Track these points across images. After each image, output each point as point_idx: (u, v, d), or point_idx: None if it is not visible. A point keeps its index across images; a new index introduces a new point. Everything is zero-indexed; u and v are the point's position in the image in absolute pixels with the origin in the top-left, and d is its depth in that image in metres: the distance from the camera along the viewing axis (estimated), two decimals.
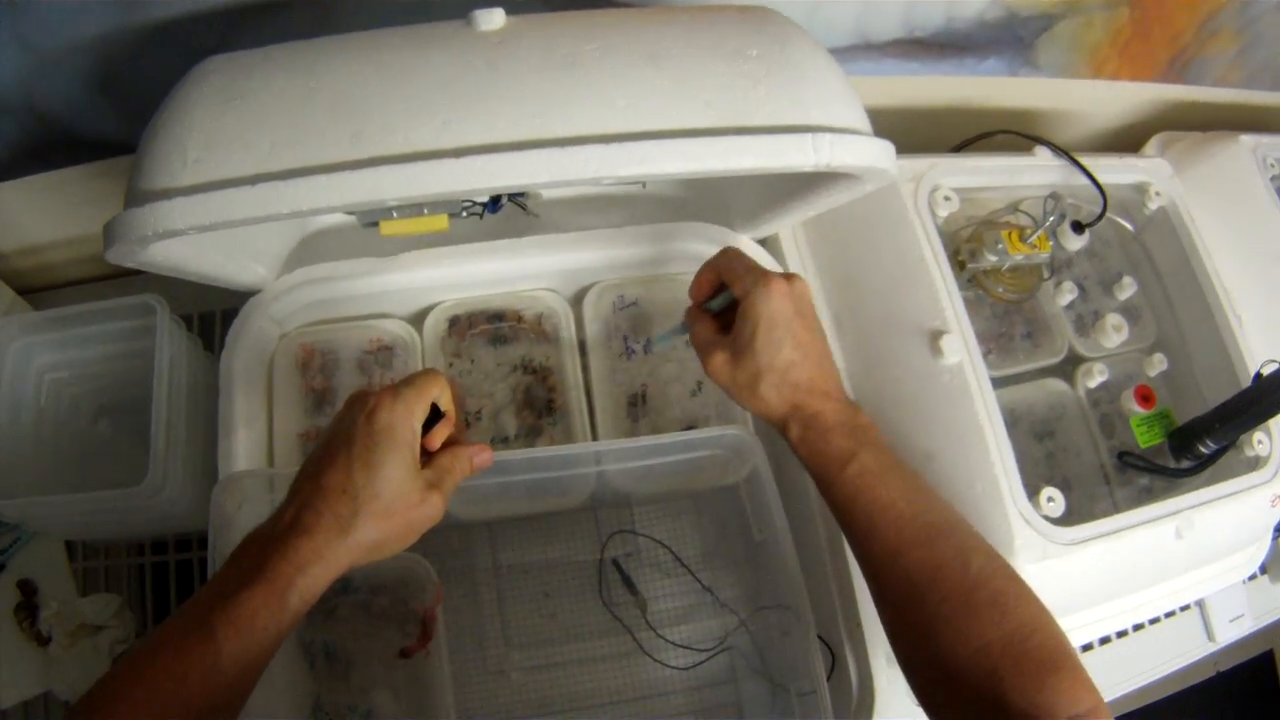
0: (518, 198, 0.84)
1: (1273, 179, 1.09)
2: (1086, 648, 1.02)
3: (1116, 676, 1.03)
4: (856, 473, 0.67)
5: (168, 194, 0.59)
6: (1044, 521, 0.81)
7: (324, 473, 0.59)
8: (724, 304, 0.72)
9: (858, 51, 0.96)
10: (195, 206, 0.58)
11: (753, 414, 0.72)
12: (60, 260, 1.01)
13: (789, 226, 0.89)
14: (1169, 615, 1.07)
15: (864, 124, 0.66)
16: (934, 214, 0.89)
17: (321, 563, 0.56)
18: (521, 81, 0.61)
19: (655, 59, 0.62)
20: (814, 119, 0.63)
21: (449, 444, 0.65)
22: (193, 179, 0.59)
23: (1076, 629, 0.94)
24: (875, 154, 0.65)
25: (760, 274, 0.69)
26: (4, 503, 0.79)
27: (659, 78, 0.62)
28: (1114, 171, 1.01)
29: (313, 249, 0.85)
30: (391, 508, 0.59)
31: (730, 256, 0.72)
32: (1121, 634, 1.05)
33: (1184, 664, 1.08)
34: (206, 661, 0.53)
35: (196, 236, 0.69)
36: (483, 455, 0.66)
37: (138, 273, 0.91)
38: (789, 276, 0.69)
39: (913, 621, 0.63)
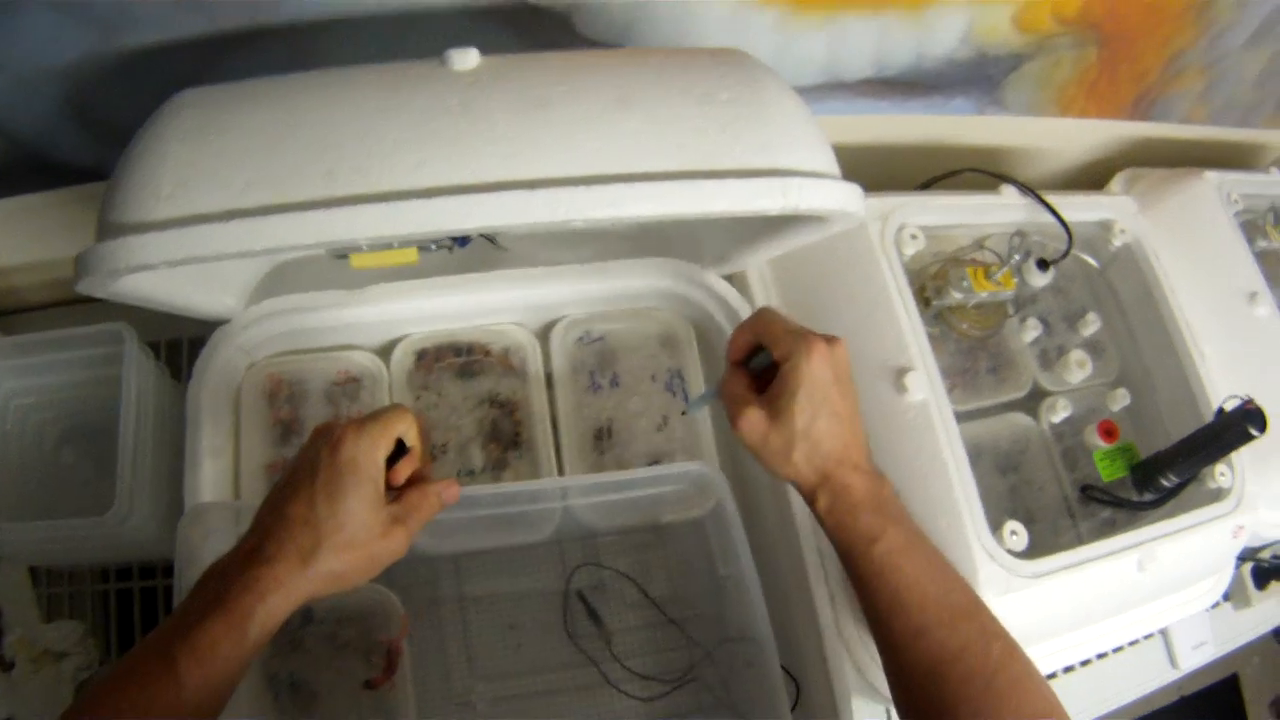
0: (487, 232, 0.84)
1: (1236, 215, 1.11)
2: (1051, 676, 1.03)
3: (1082, 704, 1.04)
4: (884, 550, 0.66)
5: (140, 228, 0.59)
6: (1007, 555, 0.82)
7: (287, 503, 0.59)
8: (763, 364, 0.72)
9: (828, 90, 0.97)
10: (168, 242, 0.59)
11: (778, 478, 0.71)
12: (27, 284, 1.00)
13: (756, 264, 0.89)
14: (1133, 644, 1.08)
15: (832, 167, 0.67)
16: (900, 252, 0.90)
17: (282, 592, 0.56)
18: (494, 123, 0.61)
19: (626, 102, 0.63)
20: (783, 163, 0.64)
21: (416, 480, 0.66)
22: (166, 213, 0.59)
23: (1042, 658, 0.95)
24: (843, 197, 0.66)
25: (802, 336, 0.69)
26: None
27: (629, 120, 0.63)
28: (1079, 209, 1.03)
29: (282, 279, 0.85)
30: (353, 540, 0.59)
31: (768, 319, 0.71)
32: (1085, 662, 1.06)
33: (1148, 691, 1.09)
34: (169, 692, 0.53)
35: (167, 270, 0.69)
36: (450, 491, 0.67)
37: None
38: (830, 340, 0.70)
39: (933, 700, 0.63)
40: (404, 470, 0.65)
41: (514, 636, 0.82)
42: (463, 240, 0.83)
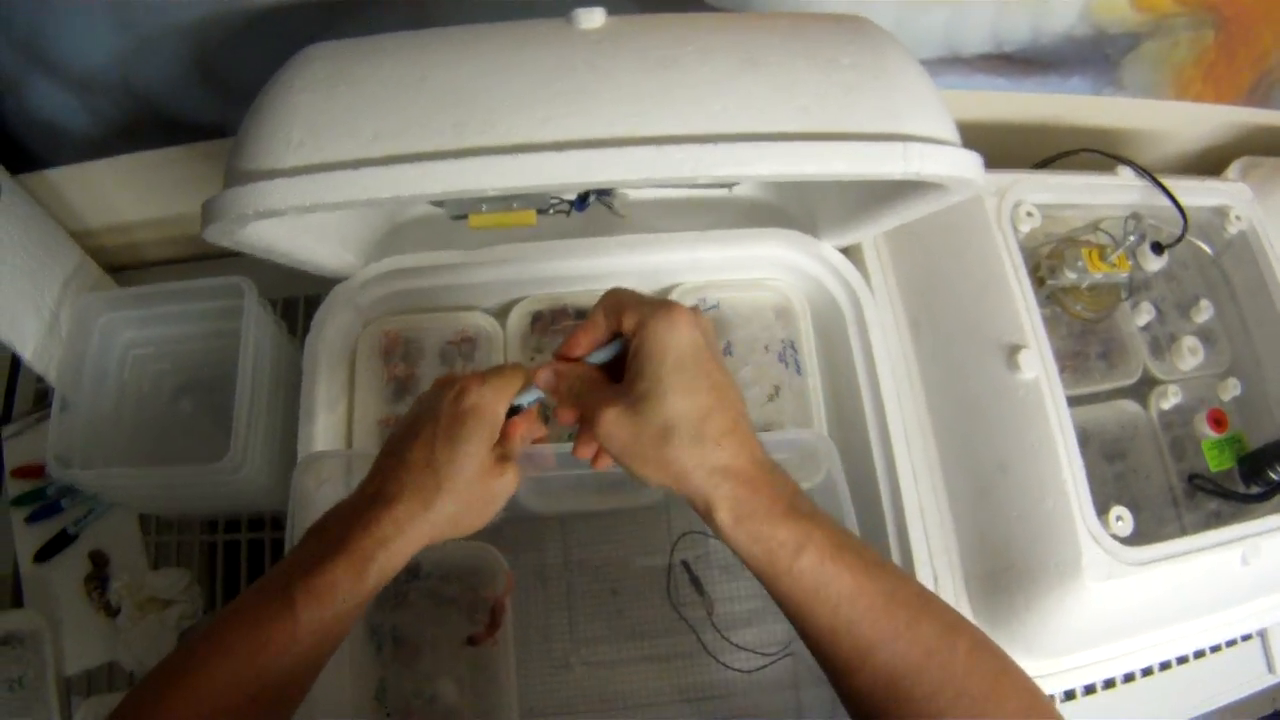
0: (605, 197, 0.84)
1: None
2: (1146, 672, 1.01)
3: (1172, 704, 1.02)
4: (814, 561, 0.53)
5: (271, 174, 0.60)
6: (1112, 540, 0.81)
7: (408, 448, 0.59)
8: (610, 355, 0.60)
9: (945, 64, 0.96)
10: (297, 188, 0.59)
11: (651, 485, 0.57)
12: (148, 240, 1.02)
13: (872, 236, 0.88)
14: (1230, 644, 1.06)
15: (954, 135, 0.66)
16: (1016, 229, 0.88)
17: (402, 535, 0.57)
18: (619, 80, 0.61)
19: (751, 63, 0.63)
20: (906, 128, 0.63)
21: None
22: (295, 161, 0.60)
23: (1136, 652, 0.94)
24: (964, 165, 0.65)
25: (658, 303, 0.57)
26: (83, 473, 0.81)
27: (754, 81, 0.62)
28: (1195, 194, 1.01)
29: (401, 238, 0.86)
30: (472, 483, 0.59)
31: (615, 294, 0.60)
32: (1182, 660, 1.03)
33: (1241, 695, 1.06)
34: (285, 631, 0.53)
35: (292, 219, 0.70)
36: (539, 426, 0.66)
37: (223, 255, 0.93)
38: (693, 308, 0.58)
39: None
40: (520, 427, 0.64)
41: (616, 601, 0.82)
42: (580, 204, 0.84)
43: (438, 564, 0.80)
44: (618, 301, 0.59)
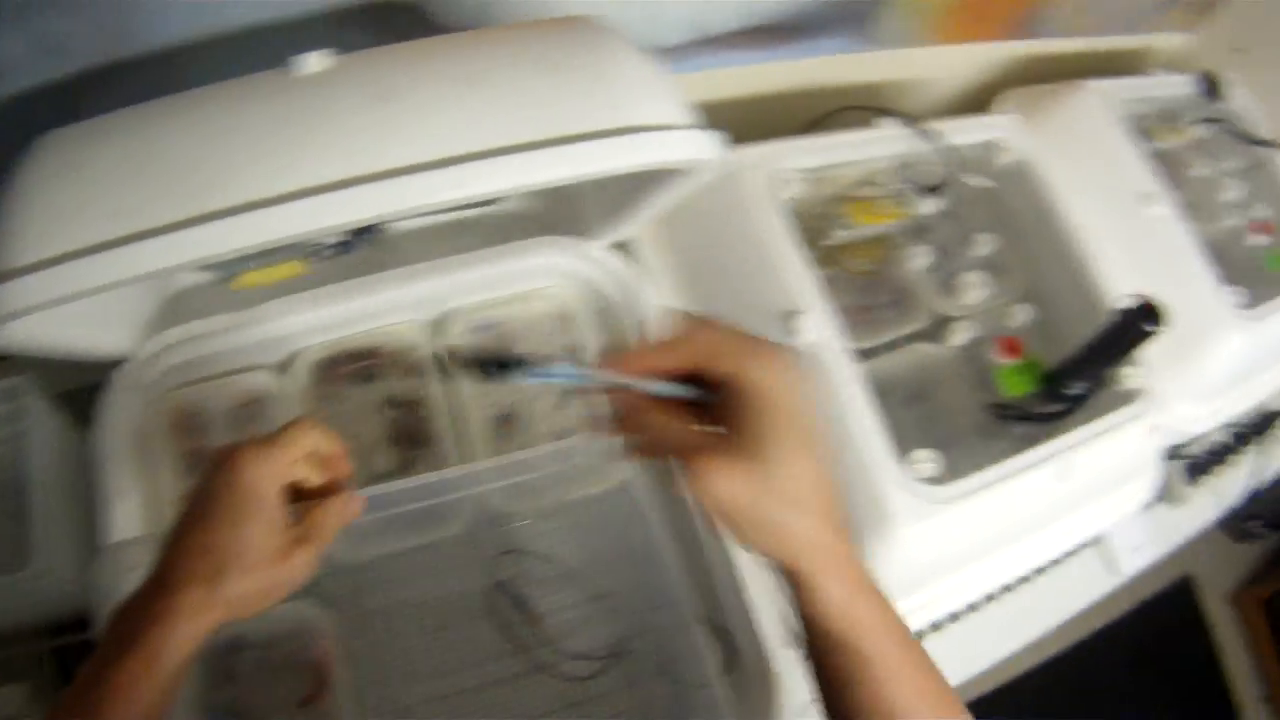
0: (368, 236, 0.85)
1: (1124, 119, 1.13)
2: (991, 598, 1.05)
3: (1029, 620, 1.06)
4: (896, 641, 0.52)
5: (10, 274, 0.59)
6: (918, 484, 0.84)
7: (187, 532, 0.59)
8: (671, 393, 0.52)
9: (697, 46, 0.97)
10: (37, 284, 0.59)
11: (755, 550, 0.52)
12: None
13: (640, 227, 0.90)
14: (1069, 555, 1.10)
15: (686, 119, 0.67)
16: (781, 197, 0.90)
17: (190, 621, 0.56)
18: (342, 120, 0.62)
19: (471, 80, 0.64)
20: (633, 120, 0.64)
21: (327, 492, 0.65)
22: (33, 256, 0.59)
23: (975, 581, 0.97)
24: (696, 146, 0.67)
25: (761, 344, 0.51)
26: None
27: (476, 99, 0.63)
28: (965, 132, 1.04)
29: (175, 312, 0.85)
30: (256, 564, 0.58)
31: (707, 327, 0.52)
32: (1024, 579, 1.07)
33: (1093, 599, 1.11)
34: None
35: (50, 312, 0.69)
36: (352, 504, 0.65)
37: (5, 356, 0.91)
38: (787, 347, 0.56)
39: None
40: (327, 516, 0.63)
41: (444, 635, 0.82)
42: (346, 246, 0.84)
43: (260, 632, 0.80)
44: (711, 340, 0.51)
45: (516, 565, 0.84)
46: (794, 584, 0.52)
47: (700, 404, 0.52)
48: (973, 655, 1.02)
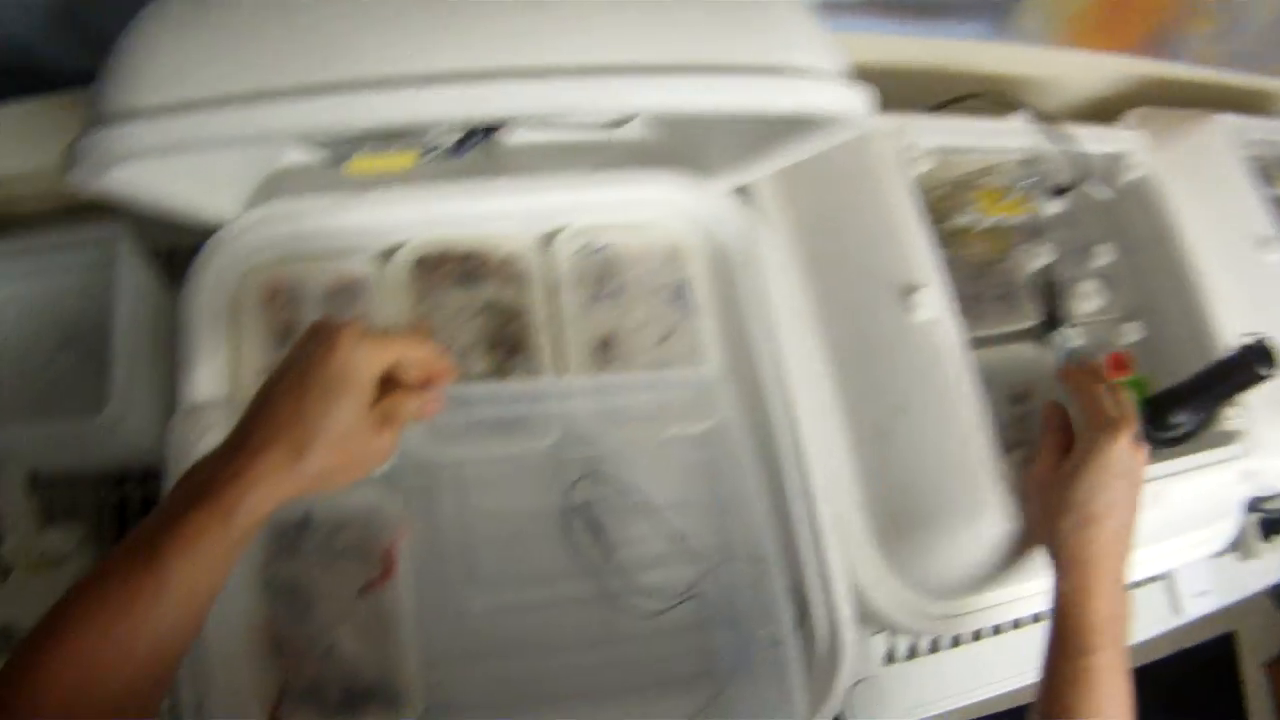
0: (486, 139, 0.83)
1: (1248, 159, 1.10)
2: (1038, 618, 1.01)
3: None
4: (1093, 665, 0.69)
5: (132, 115, 0.58)
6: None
7: (278, 398, 0.58)
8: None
9: (832, 8, 0.95)
10: (160, 128, 0.57)
11: (1032, 536, 0.80)
12: (21, 195, 0.99)
13: (764, 175, 0.88)
14: (1136, 584, 1.07)
15: (840, 70, 0.66)
16: (910, 171, 0.88)
17: (268, 483, 0.56)
18: (494, 12, 0.60)
19: None
20: (792, 61, 0.63)
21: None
22: (158, 100, 0.58)
23: (1037, 594, 0.94)
24: (849, 100, 0.65)
25: (1120, 418, 0.76)
26: None
27: (635, 13, 0.61)
28: (1092, 141, 1.02)
29: (279, 185, 0.84)
30: (342, 440, 0.58)
31: (1097, 384, 0.80)
32: None
33: (1149, 634, 1.08)
34: (153, 583, 0.52)
35: (161, 164, 0.68)
36: (433, 405, 0.65)
37: (104, 208, 0.90)
38: (1140, 439, 0.77)
39: None
40: (409, 401, 0.63)
41: (514, 547, 0.81)
42: (461, 146, 0.82)
43: (330, 514, 0.79)
44: (1093, 390, 0.80)
45: (598, 491, 0.81)
46: (1054, 565, 0.75)
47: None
48: (1022, 669, 0.99)
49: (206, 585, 0.54)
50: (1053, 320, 0.95)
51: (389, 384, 0.63)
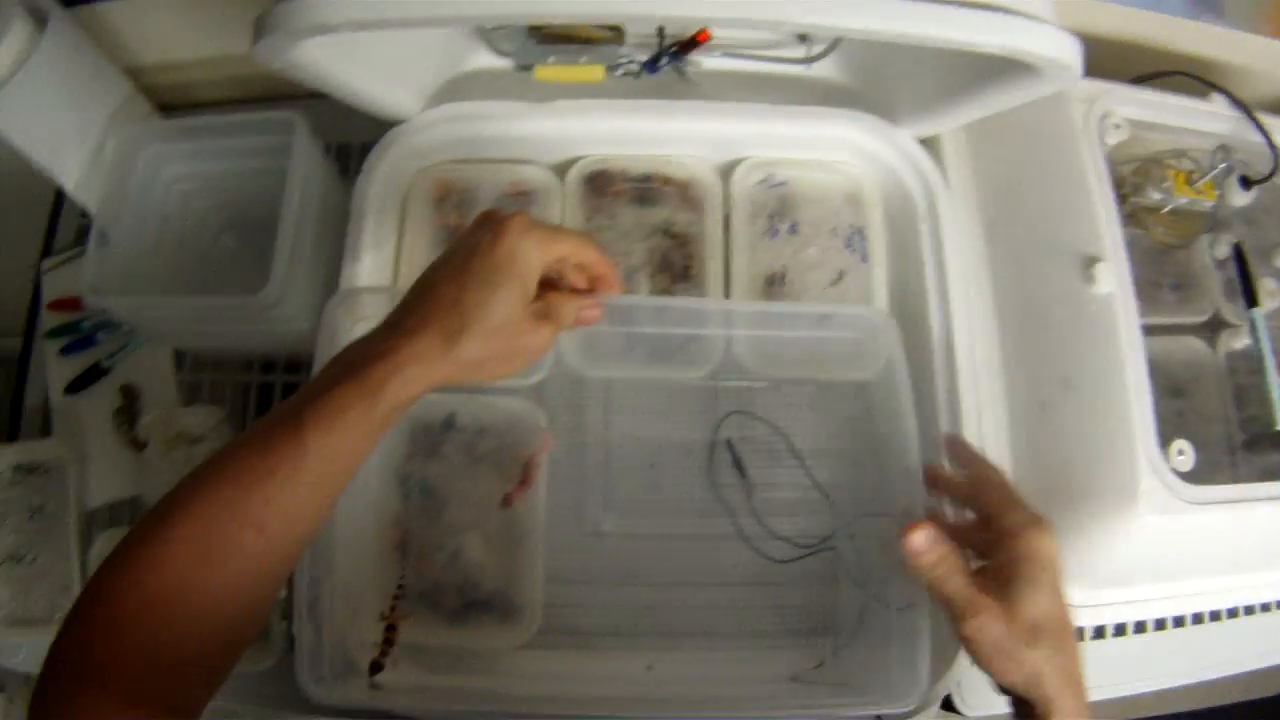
0: (677, 60, 0.81)
1: None
2: (1179, 622, 0.97)
3: (1199, 660, 0.98)
4: None
5: None
6: (1171, 473, 0.78)
7: (439, 284, 0.58)
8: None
9: None
10: (353, 2, 0.57)
11: (1001, 682, 0.61)
12: (201, 79, 1.00)
13: (952, 127, 0.85)
14: (1265, 608, 1.02)
15: (1055, 18, 0.63)
16: (1103, 140, 0.84)
17: (419, 366, 0.55)
18: None
19: None
20: (1009, 1, 0.60)
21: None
22: None
23: (1174, 598, 0.90)
24: (1065, 47, 0.63)
25: (1037, 516, 0.62)
26: (120, 301, 0.79)
27: None
28: None
29: (461, 87, 0.83)
30: (499, 330, 0.57)
31: (994, 477, 0.66)
32: (1215, 615, 1.00)
33: (1271, 663, 1.03)
34: (291, 456, 0.51)
35: (348, 44, 0.67)
36: (591, 311, 0.64)
37: (277, 98, 0.90)
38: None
39: None
40: (568, 301, 0.63)
41: (653, 475, 0.80)
42: (652, 66, 0.80)
43: (474, 418, 0.79)
44: (992, 487, 0.65)
45: (746, 429, 0.80)
46: (1029, 712, 0.59)
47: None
48: (1132, 676, 0.95)
49: (344, 463, 0.54)
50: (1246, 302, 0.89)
51: (549, 286, 0.62)
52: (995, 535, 0.62)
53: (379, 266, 0.80)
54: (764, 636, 0.78)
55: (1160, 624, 0.96)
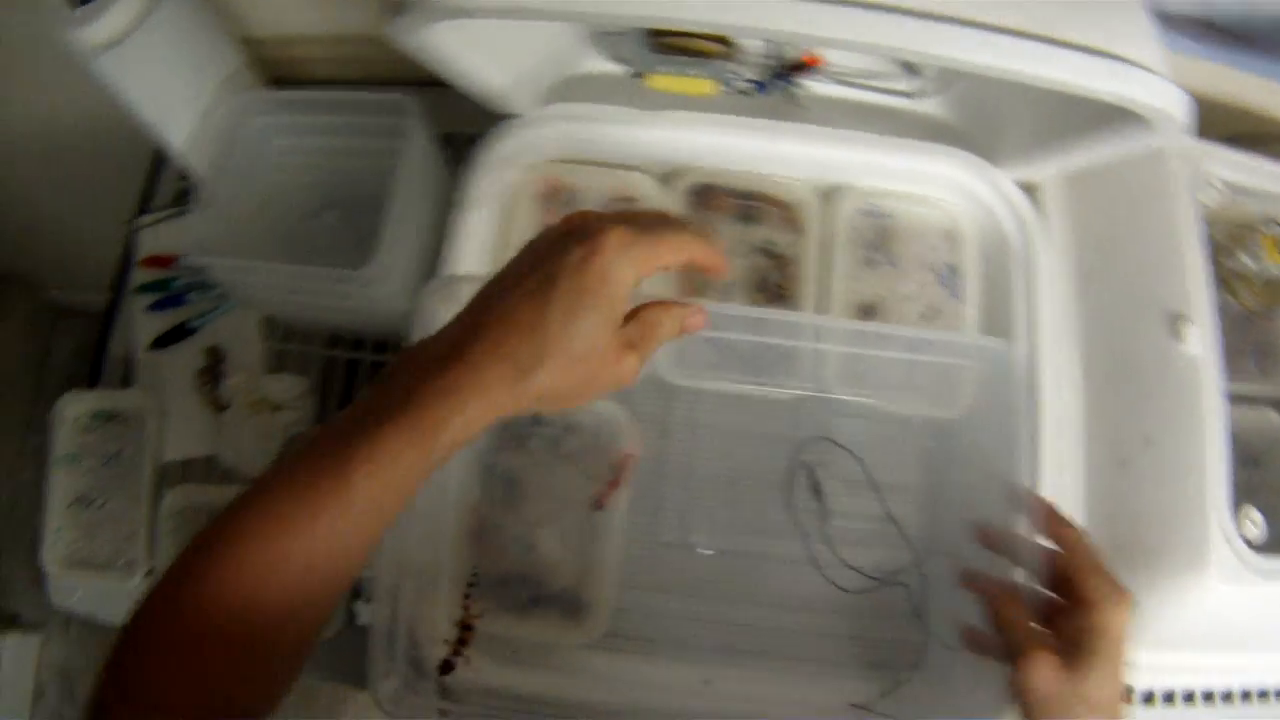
0: (787, 82, 0.82)
1: None
2: (1227, 697, 0.96)
3: None
4: None
5: None
6: (1241, 541, 0.78)
7: (517, 302, 0.50)
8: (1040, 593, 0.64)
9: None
10: None
11: None
12: (311, 56, 1.01)
13: (1052, 173, 0.85)
14: None
15: (1166, 71, 0.64)
16: (1200, 198, 0.85)
17: (482, 402, 0.49)
18: None
19: None
20: (1123, 50, 0.61)
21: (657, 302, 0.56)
22: None
23: (1227, 671, 0.90)
24: (1175, 100, 0.64)
25: (1119, 586, 0.60)
26: (224, 261, 0.80)
27: None
28: None
29: (574, 89, 0.84)
30: (581, 361, 0.51)
31: (1084, 542, 0.63)
32: (1263, 695, 0.99)
33: None
34: (338, 502, 0.47)
35: (476, 35, 0.69)
36: (696, 317, 0.56)
37: (385, 83, 0.91)
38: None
39: None
40: (662, 325, 0.56)
41: (732, 491, 0.80)
42: (763, 85, 0.81)
43: (564, 415, 0.80)
44: (1082, 553, 0.63)
45: (827, 454, 0.80)
46: None
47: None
48: None
49: (395, 503, 0.49)
50: None
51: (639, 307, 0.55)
52: (1072, 600, 0.60)
53: (479, 256, 0.81)
54: (825, 663, 0.78)
55: (1208, 696, 0.95)
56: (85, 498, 0.92)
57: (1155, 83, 0.62)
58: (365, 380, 0.92)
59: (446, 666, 0.72)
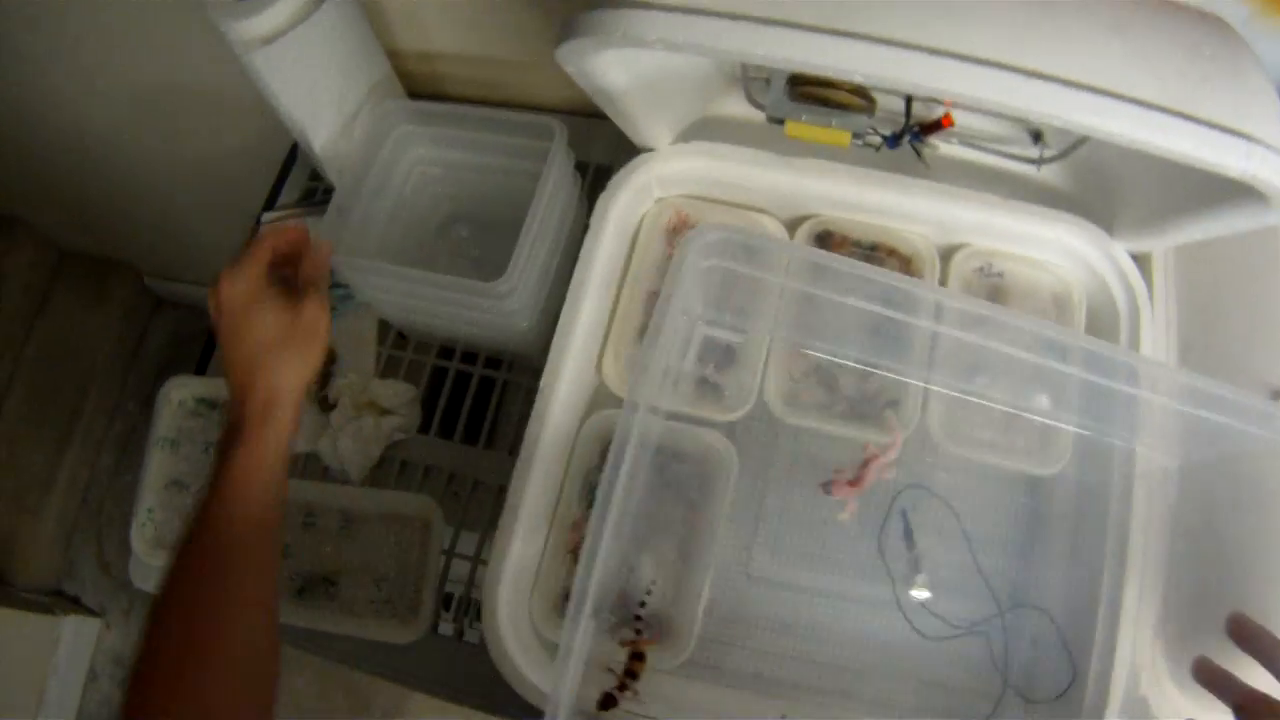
0: (918, 140, 0.84)
1: None
2: None
3: None
4: None
5: (646, 5, 0.61)
6: None
7: (227, 359, 0.71)
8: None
9: None
10: (673, 22, 0.60)
11: None
12: (453, 75, 1.04)
13: (1166, 247, 0.87)
14: None
15: None
16: None
17: (253, 436, 0.67)
18: (994, 5, 0.61)
19: (1118, 27, 0.63)
20: (1251, 130, 0.62)
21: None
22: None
23: None
24: None
25: None
26: (356, 260, 0.82)
27: (1118, 43, 0.62)
28: None
29: (708, 130, 0.87)
30: (280, 342, 0.70)
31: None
32: None
33: None
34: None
35: (638, 66, 0.71)
36: (323, 249, 0.78)
37: (522, 107, 0.94)
38: None
39: None
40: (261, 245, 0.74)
41: (825, 530, 0.82)
42: (893, 141, 0.84)
43: (673, 442, 0.82)
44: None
45: (923, 501, 0.82)
46: None
47: None
48: None
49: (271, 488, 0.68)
50: None
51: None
52: None
53: (606, 280, 0.84)
54: (902, 708, 0.79)
55: None
56: (180, 481, 0.94)
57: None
58: (473, 394, 0.94)
59: (608, 700, 0.73)
